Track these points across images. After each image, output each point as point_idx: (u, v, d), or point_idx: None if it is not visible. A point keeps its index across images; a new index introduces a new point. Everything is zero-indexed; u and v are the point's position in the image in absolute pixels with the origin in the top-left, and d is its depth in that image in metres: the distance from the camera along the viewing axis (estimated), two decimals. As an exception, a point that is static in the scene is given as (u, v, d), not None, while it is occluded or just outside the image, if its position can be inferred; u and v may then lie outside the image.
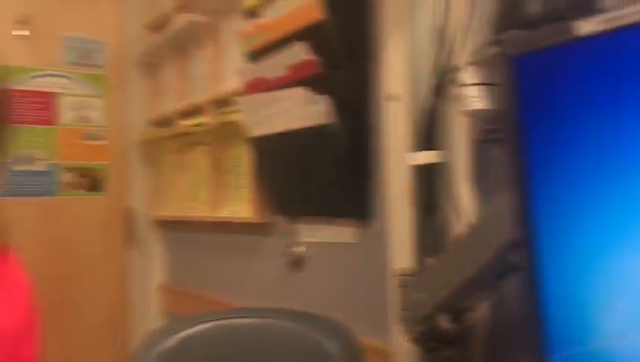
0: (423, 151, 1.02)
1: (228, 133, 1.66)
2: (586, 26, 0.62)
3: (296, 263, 1.45)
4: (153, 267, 2.15)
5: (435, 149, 1.01)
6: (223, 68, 1.73)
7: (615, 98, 0.59)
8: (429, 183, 1.02)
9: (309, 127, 1.23)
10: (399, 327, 0.98)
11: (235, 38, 1.66)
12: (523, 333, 0.73)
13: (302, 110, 1.24)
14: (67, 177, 2.02)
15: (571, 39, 0.63)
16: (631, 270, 0.59)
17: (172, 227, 2.13)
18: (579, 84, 0.63)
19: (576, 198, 0.64)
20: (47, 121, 1.99)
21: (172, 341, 0.96)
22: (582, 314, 0.64)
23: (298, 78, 1.25)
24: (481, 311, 0.94)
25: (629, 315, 0.59)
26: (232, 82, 1.66)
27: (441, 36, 0.99)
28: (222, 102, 1.72)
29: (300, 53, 1.23)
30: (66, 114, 2.02)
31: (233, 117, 1.64)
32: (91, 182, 2.06)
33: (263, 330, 0.98)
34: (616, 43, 0.60)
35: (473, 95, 0.86)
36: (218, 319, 0.99)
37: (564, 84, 0.65)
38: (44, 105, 1.99)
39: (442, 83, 0.99)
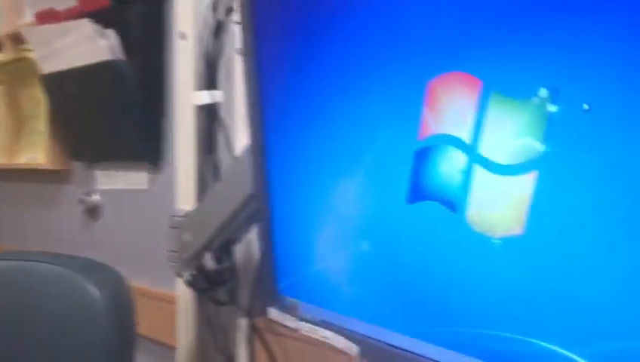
0: (205, 91, 0.99)
1: (24, 71, 1.51)
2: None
3: (92, 211, 1.38)
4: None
5: (215, 89, 0.99)
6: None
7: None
8: (210, 123, 1.00)
9: (99, 64, 1.16)
10: (171, 270, 0.96)
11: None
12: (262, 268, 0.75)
13: (90, 44, 1.15)
14: None
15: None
16: (333, 208, 0.62)
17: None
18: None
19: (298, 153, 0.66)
20: None
21: None
22: (301, 248, 0.67)
23: (87, 10, 1.16)
24: (242, 252, 0.94)
25: (333, 241, 0.62)
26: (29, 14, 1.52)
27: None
28: (20, 37, 1.57)
29: (88, -18, 1.14)
30: None
31: (31, 53, 1.50)
32: None
33: (22, 273, 0.91)
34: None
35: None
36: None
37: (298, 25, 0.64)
38: None
39: (222, 21, 0.96)
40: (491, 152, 0.46)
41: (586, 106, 0.40)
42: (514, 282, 0.47)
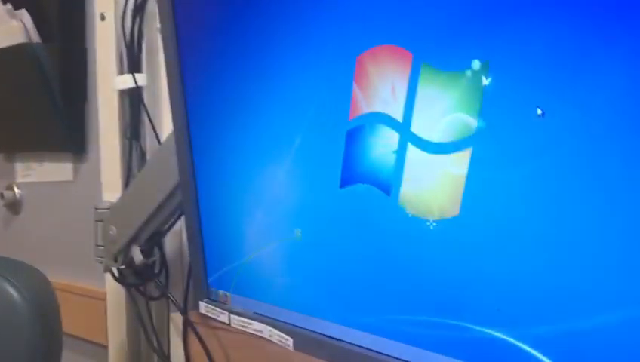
0: (128, 75, 0.93)
1: None
2: None
3: (13, 206, 1.29)
4: None
5: (139, 72, 0.93)
6: None
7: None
8: (135, 108, 0.95)
9: (12, 47, 1.07)
10: (99, 265, 0.90)
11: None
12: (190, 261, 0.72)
13: (1, 26, 1.07)
14: None
15: None
16: (263, 196, 0.59)
17: None
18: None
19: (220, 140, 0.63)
20: None
21: None
22: (231, 239, 0.63)
23: (-3, -11, 1.08)
24: (173, 244, 0.90)
25: (264, 229, 0.59)
26: None
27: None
28: None
29: (-3, -41, 1.05)
30: None
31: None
32: None
33: None
34: None
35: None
36: None
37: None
38: None
39: (143, 0, 0.91)
40: (424, 130, 0.44)
41: (539, 111, 0.38)
42: (450, 266, 0.45)
